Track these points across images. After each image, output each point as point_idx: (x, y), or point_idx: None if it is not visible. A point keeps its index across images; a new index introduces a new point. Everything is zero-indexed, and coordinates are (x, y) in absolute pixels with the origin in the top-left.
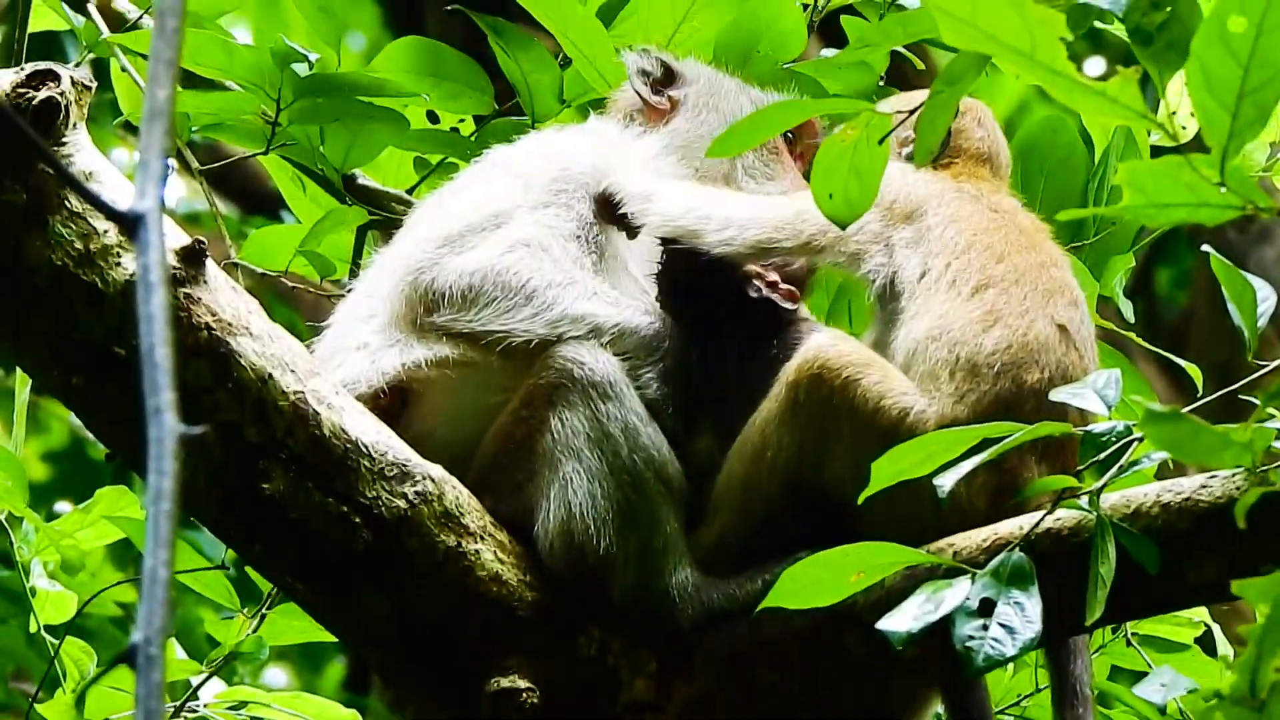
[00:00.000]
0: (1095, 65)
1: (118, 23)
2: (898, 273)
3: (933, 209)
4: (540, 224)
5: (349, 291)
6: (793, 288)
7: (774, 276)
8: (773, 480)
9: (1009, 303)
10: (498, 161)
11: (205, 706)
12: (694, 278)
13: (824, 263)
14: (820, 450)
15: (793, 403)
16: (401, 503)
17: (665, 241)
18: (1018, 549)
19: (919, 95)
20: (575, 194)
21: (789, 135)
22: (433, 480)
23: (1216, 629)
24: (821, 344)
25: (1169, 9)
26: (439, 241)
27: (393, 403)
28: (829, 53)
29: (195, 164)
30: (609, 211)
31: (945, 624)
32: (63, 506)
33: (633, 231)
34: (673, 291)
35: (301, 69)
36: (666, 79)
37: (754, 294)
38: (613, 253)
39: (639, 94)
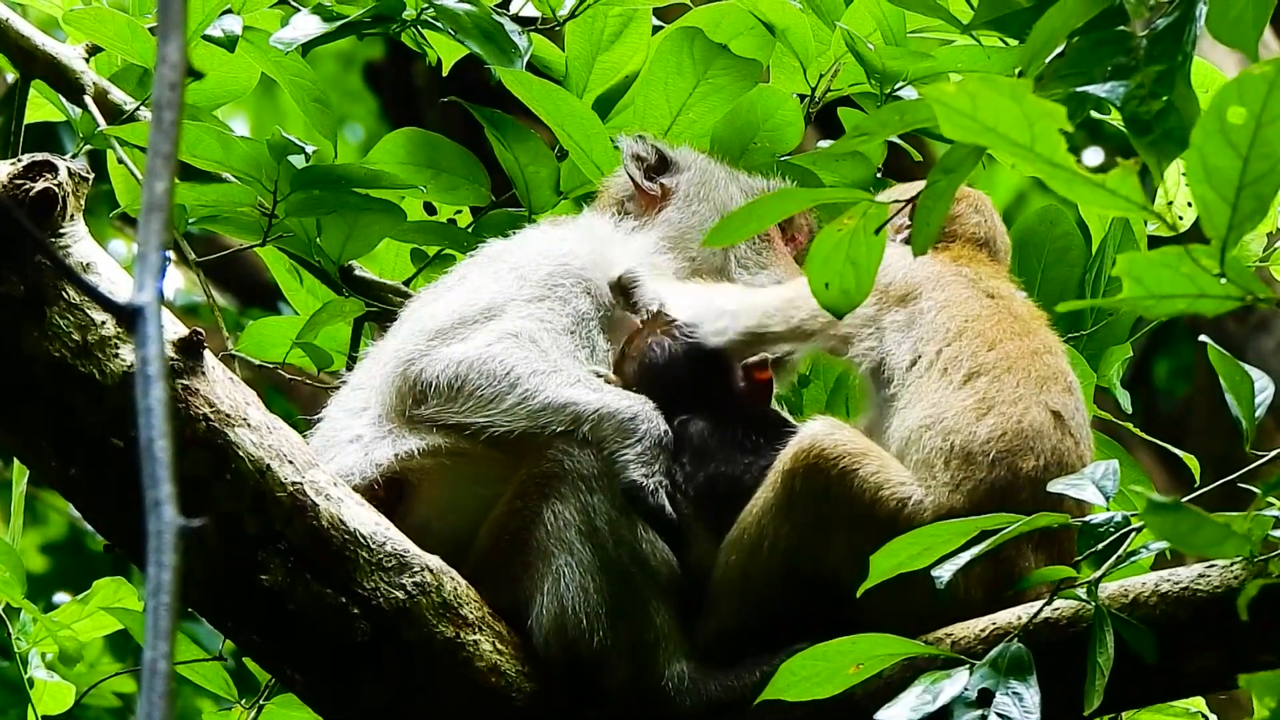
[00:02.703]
0: (1094, 156)
1: (114, 114)
2: (886, 358)
3: (927, 292)
4: (532, 317)
5: (343, 384)
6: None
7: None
8: (770, 571)
9: (1001, 390)
10: (494, 255)
11: None
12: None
13: (814, 347)
14: (818, 540)
15: (789, 492)
16: (400, 594)
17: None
18: (1016, 639)
19: (916, 186)
20: (572, 289)
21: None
22: (431, 571)
23: (1214, 719)
24: (817, 433)
25: (1166, 98)
26: (430, 334)
27: (389, 494)
28: (826, 144)
29: (192, 256)
30: (624, 297)
31: (944, 715)
32: (61, 598)
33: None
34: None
35: (298, 161)
36: (660, 166)
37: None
38: (606, 347)
39: (632, 179)
